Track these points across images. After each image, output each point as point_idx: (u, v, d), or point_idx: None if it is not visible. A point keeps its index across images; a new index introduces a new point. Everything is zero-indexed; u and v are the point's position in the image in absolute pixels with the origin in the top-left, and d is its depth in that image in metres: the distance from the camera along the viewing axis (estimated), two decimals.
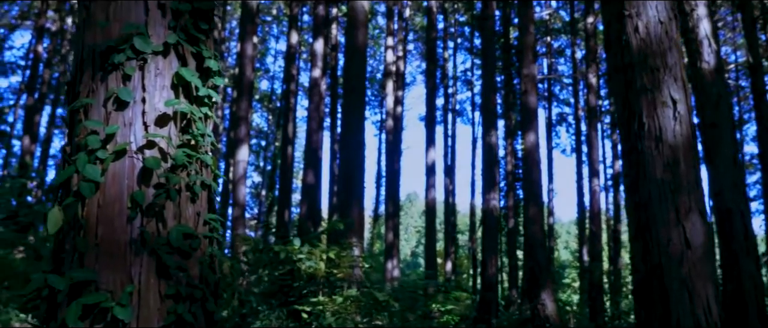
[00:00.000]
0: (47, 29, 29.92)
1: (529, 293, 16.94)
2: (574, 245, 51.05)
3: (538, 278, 16.17)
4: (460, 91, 37.32)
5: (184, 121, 2.66)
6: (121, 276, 2.40)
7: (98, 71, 2.64)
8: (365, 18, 14.30)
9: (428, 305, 8.09)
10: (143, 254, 2.44)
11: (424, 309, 8.34)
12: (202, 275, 2.56)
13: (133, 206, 2.49)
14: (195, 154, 2.60)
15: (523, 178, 17.81)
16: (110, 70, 2.61)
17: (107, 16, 2.72)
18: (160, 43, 2.69)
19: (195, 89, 2.72)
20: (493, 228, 19.47)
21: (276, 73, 41.66)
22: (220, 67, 2.81)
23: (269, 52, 42.42)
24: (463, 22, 35.55)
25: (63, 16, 32.68)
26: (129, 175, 2.53)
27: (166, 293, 2.43)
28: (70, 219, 2.49)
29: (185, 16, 2.75)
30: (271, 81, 42.02)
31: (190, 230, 2.53)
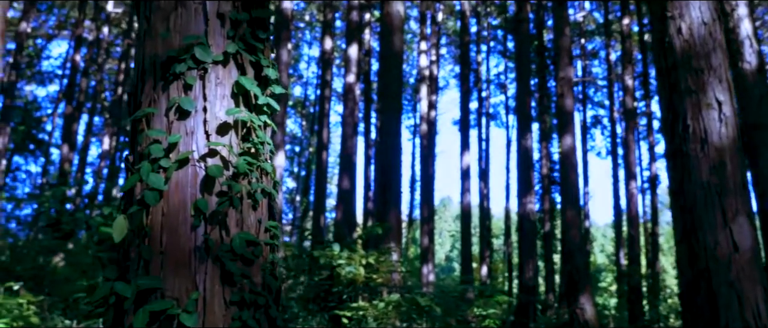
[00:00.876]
0: (84, 39, 30.30)
1: (567, 297, 16.83)
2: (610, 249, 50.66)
3: (577, 282, 16.06)
4: (494, 95, 37.24)
5: (244, 129, 2.69)
6: (187, 283, 2.44)
7: (159, 81, 2.68)
8: (401, 23, 14.33)
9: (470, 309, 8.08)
10: (207, 261, 2.47)
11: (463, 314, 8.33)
12: (265, 282, 2.58)
13: (196, 213, 2.52)
14: (256, 162, 2.63)
15: (560, 181, 17.68)
16: (171, 80, 2.65)
17: (168, 27, 2.76)
18: (220, 53, 2.72)
19: (254, 98, 2.75)
20: (530, 232, 19.39)
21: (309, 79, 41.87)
22: (278, 75, 2.84)
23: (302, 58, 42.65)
24: (496, 25, 35.46)
25: (99, 26, 33.08)
26: (192, 183, 2.56)
27: (230, 300, 2.46)
28: (134, 227, 2.52)
29: (243, 26, 2.78)
30: (304, 87, 42.23)
31: (252, 237, 2.56)
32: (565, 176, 16.92)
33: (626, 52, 24.22)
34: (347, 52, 22.85)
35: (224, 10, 2.77)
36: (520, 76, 19.95)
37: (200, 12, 2.75)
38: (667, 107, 6.47)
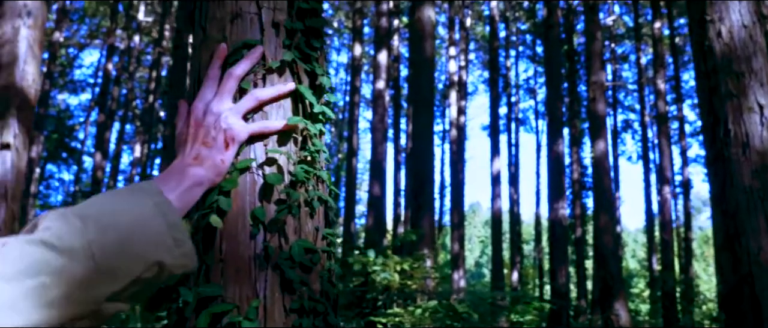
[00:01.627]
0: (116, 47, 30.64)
1: (601, 303, 16.74)
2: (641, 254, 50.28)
3: (611, 288, 15.98)
4: (523, 100, 37.14)
5: (300, 137, 2.70)
6: (247, 291, 2.45)
7: None
8: (432, 29, 14.36)
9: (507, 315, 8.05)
10: (267, 268, 2.48)
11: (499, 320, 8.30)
12: (323, 289, 2.59)
13: (254, 222, 2.54)
14: (312, 170, 2.64)
15: (592, 187, 17.60)
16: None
17: (224, 36, 2.78)
18: (276, 61, 2.74)
19: (310, 106, 2.76)
20: (562, 238, 19.30)
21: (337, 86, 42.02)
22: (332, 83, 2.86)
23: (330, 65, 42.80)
24: (525, 30, 35.40)
25: (130, 35, 33.44)
26: (250, 191, 2.57)
27: (290, 307, 2.47)
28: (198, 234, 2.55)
29: (298, 35, 2.80)
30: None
31: (310, 244, 2.56)
32: (598, 180, 16.85)
33: (658, 56, 24.07)
34: (377, 58, 22.90)
35: (279, 19, 2.78)
36: (551, 81, 19.89)
37: (256, 21, 2.77)
38: (708, 111, 6.41)
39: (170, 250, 1.24)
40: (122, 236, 1.14)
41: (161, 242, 1.22)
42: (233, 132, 1.84)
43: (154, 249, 1.20)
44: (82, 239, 1.07)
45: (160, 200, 1.30)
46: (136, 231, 1.17)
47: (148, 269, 1.18)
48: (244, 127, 1.89)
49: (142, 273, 1.17)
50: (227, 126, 1.80)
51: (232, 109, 1.85)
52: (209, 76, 2.03)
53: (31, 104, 9.59)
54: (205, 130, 1.74)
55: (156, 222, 1.24)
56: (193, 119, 1.76)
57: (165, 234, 1.24)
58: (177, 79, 22.00)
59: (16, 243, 1.02)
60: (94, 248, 1.08)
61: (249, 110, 1.97)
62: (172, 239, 1.26)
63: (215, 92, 1.91)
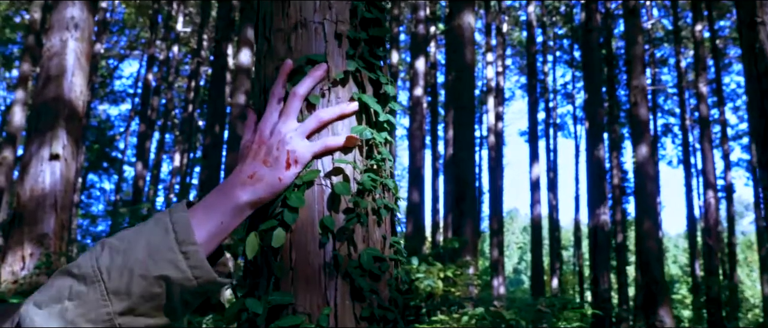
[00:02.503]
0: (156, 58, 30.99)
1: (644, 310, 16.54)
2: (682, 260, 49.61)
3: (656, 295, 15.79)
4: (560, 105, 36.93)
5: (366, 146, 2.72)
6: (318, 299, 2.47)
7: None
8: (472, 35, 14.33)
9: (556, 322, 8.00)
10: (337, 277, 2.50)
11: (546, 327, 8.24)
12: (392, 297, 2.61)
13: (323, 231, 2.56)
14: (379, 178, 2.66)
15: (635, 192, 17.40)
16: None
17: (289, 47, 2.81)
18: (341, 71, 2.77)
19: (375, 115, 2.78)
20: (604, 244, 19.14)
21: None
22: (396, 92, 2.88)
23: None
24: (562, 35, 35.22)
25: (169, 45, 33.82)
26: (318, 201, 2.60)
27: (361, 315, 2.48)
28: (265, 245, 2.57)
29: (361, 45, 2.82)
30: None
31: (378, 252, 2.58)
32: (640, 186, 16.68)
33: (699, 59, 23.78)
34: (414, 65, 22.92)
35: (343, 29, 2.81)
36: (591, 86, 19.76)
37: (320, 32, 2.80)
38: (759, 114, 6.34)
39: (176, 265, 1.31)
40: (128, 257, 1.27)
41: (165, 258, 1.30)
42: (297, 154, 1.91)
43: (156, 265, 1.29)
44: (94, 264, 1.25)
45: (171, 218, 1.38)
46: (141, 250, 1.29)
47: (153, 285, 1.28)
48: (308, 149, 1.97)
49: (148, 289, 1.28)
50: (291, 148, 1.87)
51: (296, 129, 1.92)
52: (274, 94, 2.09)
53: (80, 115, 9.74)
54: (267, 149, 1.81)
55: (161, 239, 1.33)
56: (258, 136, 1.83)
57: (171, 250, 1.32)
58: (216, 88, 22.19)
59: (54, 275, 1.25)
60: (103, 271, 1.24)
61: (313, 131, 2.04)
62: (180, 255, 1.33)
63: (280, 112, 1.96)
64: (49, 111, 9.40)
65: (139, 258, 1.28)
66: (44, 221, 8.99)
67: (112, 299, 1.24)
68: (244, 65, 17.71)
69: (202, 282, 1.37)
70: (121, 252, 1.28)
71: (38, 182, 9.06)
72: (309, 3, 2.88)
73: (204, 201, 1.60)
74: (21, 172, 9.24)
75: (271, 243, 2.58)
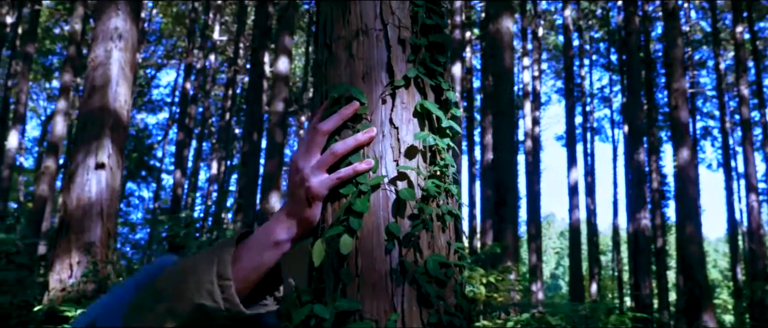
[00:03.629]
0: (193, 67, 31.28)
1: (687, 315, 16.35)
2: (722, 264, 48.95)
3: (699, 299, 15.59)
4: (597, 109, 36.65)
5: (429, 152, 2.72)
6: (385, 305, 2.46)
7: None
8: (510, 40, 14.28)
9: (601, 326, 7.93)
10: (403, 283, 2.50)
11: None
12: (458, 303, 2.60)
13: (389, 237, 2.56)
14: (442, 184, 2.66)
15: (676, 196, 17.19)
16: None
17: (350, 54, 2.82)
18: (402, 78, 2.77)
19: (437, 121, 2.78)
20: (645, 248, 18.94)
21: None
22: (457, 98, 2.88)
23: None
24: (598, 38, 34.98)
25: (206, 54, 34.10)
26: (383, 207, 2.60)
27: (428, 321, 2.48)
28: (332, 251, 2.58)
29: (422, 51, 2.82)
30: None
31: (444, 258, 2.58)
32: (682, 190, 16.49)
33: (740, 61, 23.47)
34: (451, 70, 22.89)
35: (405, 36, 2.81)
36: (631, 90, 19.59)
37: (381, 39, 2.80)
38: None
39: (212, 296, 1.51)
40: (178, 283, 1.52)
41: (206, 289, 1.51)
42: (312, 191, 1.94)
43: (198, 294, 1.50)
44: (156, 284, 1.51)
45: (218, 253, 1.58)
46: (190, 279, 1.52)
47: (194, 311, 1.50)
48: (322, 184, 1.97)
49: (189, 314, 1.50)
50: (309, 184, 1.90)
51: (314, 165, 1.94)
52: (307, 130, 2.07)
53: (124, 125, 9.86)
54: (292, 186, 1.88)
55: (206, 272, 1.54)
56: (290, 172, 1.92)
57: (211, 283, 1.52)
58: (254, 96, 22.33)
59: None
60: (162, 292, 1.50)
61: (329, 165, 2.02)
62: (217, 288, 1.52)
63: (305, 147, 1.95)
64: (95, 121, 9.52)
65: (187, 285, 1.50)
66: (91, 229, 9.09)
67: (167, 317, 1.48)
68: (282, 73, 17.80)
69: (232, 313, 1.55)
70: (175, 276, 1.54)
71: (84, 190, 9.17)
72: (370, 9, 2.89)
73: (250, 238, 1.76)
74: (68, 181, 9.36)
75: (337, 249, 2.59)
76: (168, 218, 20.38)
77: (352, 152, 2.34)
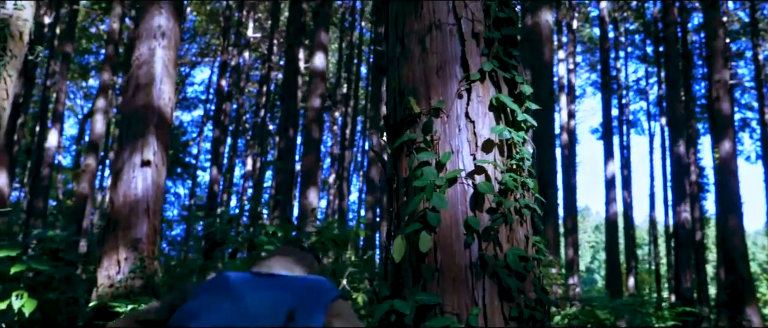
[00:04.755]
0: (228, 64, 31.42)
1: (729, 308, 16.13)
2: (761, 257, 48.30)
3: (742, 293, 15.38)
4: (633, 101, 36.28)
5: (506, 146, 2.71)
6: (466, 299, 2.47)
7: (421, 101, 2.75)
8: (550, 33, 14.16)
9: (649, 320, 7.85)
10: (484, 277, 2.50)
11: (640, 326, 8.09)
12: (538, 297, 2.60)
13: (468, 231, 2.56)
14: (519, 177, 2.65)
15: (718, 189, 16.97)
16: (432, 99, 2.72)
17: (424, 48, 2.82)
18: (477, 71, 2.77)
19: (512, 113, 2.77)
20: (686, 241, 18.72)
21: None
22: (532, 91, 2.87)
23: None
24: (633, 30, 34.60)
25: (240, 51, 34.25)
26: (461, 201, 2.61)
27: (510, 315, 2.48)
28: (411, 247, 2.59)
29: (496, 44, 2.82)
30: None
31: (523, 252, 2.57)
32: (723, 182, 16.27)
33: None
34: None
35: (478, 29, 2.82)
36: (669, 82, 19.36)
37: (455, 33, 2.81)
38: None
39: None
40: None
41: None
42: None
43: None
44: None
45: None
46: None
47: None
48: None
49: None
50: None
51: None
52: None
53: (168, 122, 9.93)
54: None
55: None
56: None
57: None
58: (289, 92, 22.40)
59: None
60: None
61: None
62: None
63: None
64: (140, 118, 9.59)
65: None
66: (137, 226, 9.16)
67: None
68: (319, 69, 17.83)
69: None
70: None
71: (131, 188, 9.24)
72: (442, 3, 2.90)
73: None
74: (114, 178, 9.45)
75: (417, 246, 2.60)
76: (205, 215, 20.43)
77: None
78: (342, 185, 31.89)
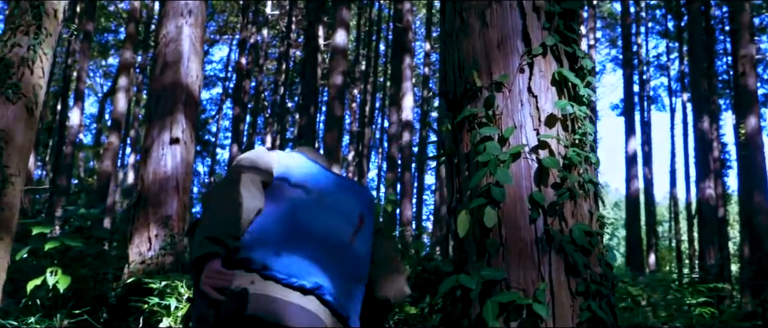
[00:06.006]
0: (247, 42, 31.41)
1: (754, 285, 16.07)
2: None
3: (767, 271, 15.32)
4: (654, 77, 36.02)
5: (569, 120, 2.70)
6: (532, 274, 2.47)
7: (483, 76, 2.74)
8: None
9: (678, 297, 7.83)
10: (550, 252, 2.50)
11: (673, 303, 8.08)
12: (603, 272, 2.59)
13: (533, 206, 2.55)
14: (583, 152, 2.64)
15: (742, 165, 16.85)
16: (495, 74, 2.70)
17: (484, 22, 2.80)
18: (539, 46, 2.75)
19: (573, 88, 2.76)
20: (710, 218, 18.64)
21: None
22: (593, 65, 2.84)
23: None
24: (654, 5, 34.29)
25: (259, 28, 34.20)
26: (526, 176, 2.60)
27: (576, 290, 2.48)
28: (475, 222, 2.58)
29: (556, 18, 2.79)
30: None
31: (588, 227, 2.56)
32: (749, 158, 16.14)
33: None
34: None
35: (539, 3, 2.79)
36: (692, 57, 19.18)
37: (515, 7, 2.79)
38: None
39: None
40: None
41: None
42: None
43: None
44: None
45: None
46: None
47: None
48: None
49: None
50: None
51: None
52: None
53: (196, 100, 9.95)
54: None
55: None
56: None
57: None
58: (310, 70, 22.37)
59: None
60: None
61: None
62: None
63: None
64: (168, 96, 9.61)
65: None
66: (167, 203, 9.21)
67: None
68: (340, 46, 17.76)
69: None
70: None
71: (160, 165, 9.28)
72: None
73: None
74: (144, 155, 9.50)
75: (481, 221, 2.59)
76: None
77: None
78: (361, 163, 31.94)
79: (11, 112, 6.19)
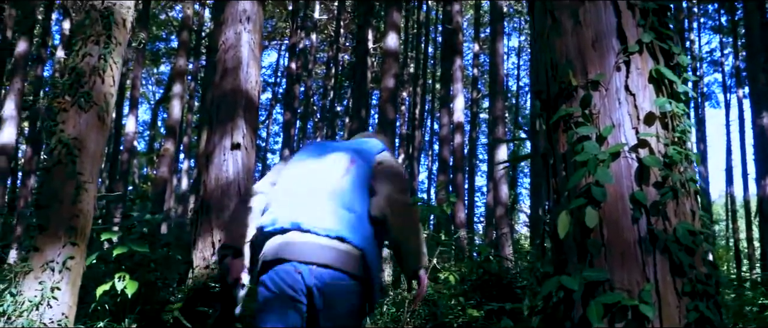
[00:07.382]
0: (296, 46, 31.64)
1: None
2: None
3: None
4: (707, 73, 35.43)
5: (667, 118, 2.66)
6: (637, 275, 2.43)
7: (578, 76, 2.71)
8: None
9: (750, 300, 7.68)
10: (654, 252, 2.46)
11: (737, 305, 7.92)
12: (708, 272, 2.54)
13: (635, 205, 2.52)
14: (683, 150, 2.60)
15: None
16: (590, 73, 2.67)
17: (577, 21, 2.77)
18: (635, 43, 2.71)
19: (670, 84, 2.71)
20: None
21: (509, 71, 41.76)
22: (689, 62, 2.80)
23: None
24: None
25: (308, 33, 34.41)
26: (626, 175, 2.56)
27: (682, 290, 2.44)
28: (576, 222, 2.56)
29: (650, 14, 2.75)
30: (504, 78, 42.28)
31: (692, 226, 2.52)
32: None
33: None
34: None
35: (634, 0, 2.75)
36: (750, 51, 18.82)
37: (609, 4, 2.75)
38: None
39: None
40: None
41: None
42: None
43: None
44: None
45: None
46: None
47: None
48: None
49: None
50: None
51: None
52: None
53: (255, 105, 10.02)
54: None
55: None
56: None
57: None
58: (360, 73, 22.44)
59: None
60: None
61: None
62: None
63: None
64: (229, 102, 9.71)
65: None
66: (230, 208, 9.28)
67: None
68: (392, 49, 17.77)
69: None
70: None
71: (222, 170, 9.37)
72: None
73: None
74: (206, 162, 9.60)
75: (582, 221, 2.56)
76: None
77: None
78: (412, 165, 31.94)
79: (84, 120, 6.31)
